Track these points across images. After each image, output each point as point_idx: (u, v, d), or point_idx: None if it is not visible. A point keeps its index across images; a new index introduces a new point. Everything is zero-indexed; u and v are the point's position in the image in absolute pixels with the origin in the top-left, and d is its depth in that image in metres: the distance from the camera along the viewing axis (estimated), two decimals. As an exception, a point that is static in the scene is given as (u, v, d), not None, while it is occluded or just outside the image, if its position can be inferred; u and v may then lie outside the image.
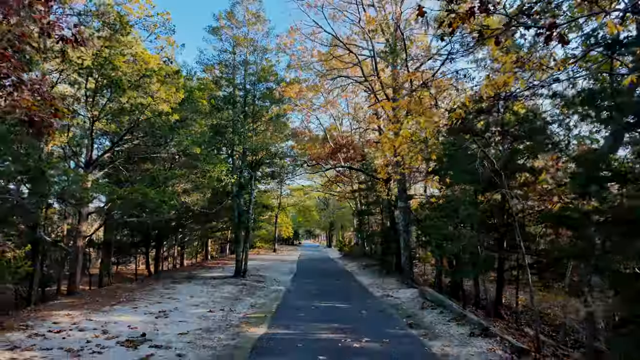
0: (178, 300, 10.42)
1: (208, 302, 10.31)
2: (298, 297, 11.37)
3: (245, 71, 15.74)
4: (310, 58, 20.50)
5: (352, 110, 28.39)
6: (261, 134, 15.97)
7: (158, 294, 11.47)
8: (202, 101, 11.83)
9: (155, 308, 9.23)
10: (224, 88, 16.84)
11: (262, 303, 10.51)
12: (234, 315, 8.85)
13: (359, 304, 10.30)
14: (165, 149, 11.48)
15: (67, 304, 9.62)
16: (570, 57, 6.87)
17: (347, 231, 50.79)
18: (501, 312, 13.22)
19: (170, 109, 10.72)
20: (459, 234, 9.19)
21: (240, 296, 11.49)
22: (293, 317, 8.60)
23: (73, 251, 11.93)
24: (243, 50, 16.34)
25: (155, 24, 13.20)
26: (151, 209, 10.31)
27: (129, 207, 10.66)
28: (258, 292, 12.48)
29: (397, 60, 16.56)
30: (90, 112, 10.13)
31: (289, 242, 58.71)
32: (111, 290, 12.30)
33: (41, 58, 10.39)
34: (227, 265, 21.66)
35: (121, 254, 20.83)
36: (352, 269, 20.88)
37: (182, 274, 17.74)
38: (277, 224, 40.84)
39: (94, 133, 12.21)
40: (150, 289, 12.47)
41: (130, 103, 10.04)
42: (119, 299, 10.35)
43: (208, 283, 14.19)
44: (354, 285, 14.53)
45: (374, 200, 20.53)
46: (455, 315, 8.45)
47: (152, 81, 10.95)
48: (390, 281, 15.49)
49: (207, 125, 13.52)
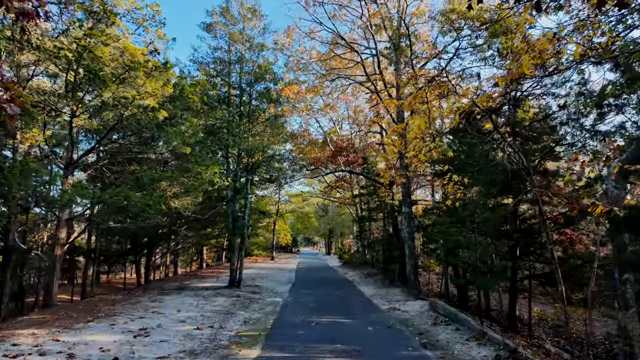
0: (163, 315, 9.39)
1: (197, 317, 9.28)
2: (296, 311, 10.35)
3: (241, 69, 14.87)
4: (309, 59, 19.77)
5: (352, 113, 27.64)
6: (258, 135, 15.06)
7: (142, 307, 10.43)
8: (193, 97, 10.94)
9: (136, 325, 8.20)
10: (218, 87, 15.97)
11: (257, 318, 9.48)
12: (225, 333, 7.83)
13: (364, 319, 9.29)
14: (153, 149, 10.53)
15: (37, 320, 8.57)
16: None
17: (347, 238, 49.68)
18: (517, 325, 12.23)
19: (157, 104, 9.83)
20: (476, 241, 8.23)
21: (233, 310, 10.46)
22: (291, 336, 7.59)
23: (50, 260, 10.91)
24: (239, 47, 15.51)
25: (144, 18, 12.41)
26: (135, 214, 9.33)
27: (112, 211, 9.68)
28: (253, 304, 11.44)
29: (401, 58, 15.78)
30: (69, 107, 9.21)
31: (287, 250, 57.51)
32: (92, 303, 11.25)
33: (15, 48, 9.50)
34: (222, 274, 20.57)
35: (108, 263, 19.68)
36: (353, 278, 19.82)
37: (173, 284, 16.67)
38: (275, 231, 39.74)
39: (76, 131, 11.27)
40: (135, 302, 11.43)
41: (113, 97, 9.13)
42: (97, 314, 9.31)
43: (199, 294, 13.15)
44: (357, 296, 13.50)
45: (377, 205, 19.58)
46: (474, 332, 7.46)
47: (138, 75, 10.06)
48: (395, 292, 14.47)
49: (200, 124, 12.61)
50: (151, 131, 10.19)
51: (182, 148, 10.89)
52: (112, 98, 9.26)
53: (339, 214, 48.03)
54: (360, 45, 17.51)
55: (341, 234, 51.25)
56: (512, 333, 10.62)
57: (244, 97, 15.85)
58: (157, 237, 18.00)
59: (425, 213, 15.45)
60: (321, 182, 37.49)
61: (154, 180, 9.92)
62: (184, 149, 10.89)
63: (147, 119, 9.78)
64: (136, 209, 8.90)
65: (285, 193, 45.14)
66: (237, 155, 15.33)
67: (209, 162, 11.75)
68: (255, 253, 41.97)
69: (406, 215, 15.59)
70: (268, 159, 15.69)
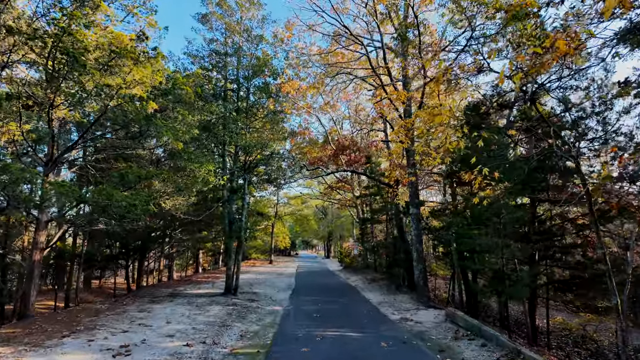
0: (150, 328, 8.40)
1: (187, 331, 8.30)
2: (299, 323, 9.38)
3: (238, 62, 13.95)
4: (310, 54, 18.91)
5: (354, 112, 26.77)
6: (256, 132, 14.12)
7: (128, 318, 9.44)
8: (186, 88, 10.01)
9: (117, 341, 7.21)
10: (214, 81, 15.03)
11: (255, 332, 8.51)
12: (218, 350, 6.86)
13: (375, 332, 8.34)
14: (142, 144, 9.59)
15: (6, 335, 7.57)
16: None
17: (346, 241, 48.61)
18: (537, 336, 11.30)
19: (145, 94, 8.91)
20: (502, 244, 7.30)
21: (229, 321, 9.47)
22: (294, 354, 6.64)
23: (28, 265, 9.92)
24: (236, 39, 14.59)
25: (134, 5, 11.54)
26: (120, 215, 8.38)
27: (94, 212, 8.72)
28: (250, 315, 10.46)
29: (409, 50, 14.93)
30: (46, 95, 8.27)
31: (285, 253, 56.44)
32: (73, 313, 10.24)
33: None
34: (218, 279, 19.57)
35: (97, 268, 18.62)
36: (356, 283, 18.85)
37: (166, 290, 15.65)
38: (273, 233, 38.71)
39: (58, 125, 10.32)
40: (121, 311, 10.43)
41: (96, 85, 8.20)
42: (75, 327, 8.32)
43: (192, 303, 12.16)
44: (362, 304, 12.54)
45: (381, 206, 18.63)
46: (505, 350, 6.51)
47: (125, 62, 9.13)
48: (403, 299, 13.52)
49: (194, 120, 11.68)
50: (139, 124, 9.26)
51: (174, 143, 9.95)
52: (95, 87, 8.33)
53: (339, 217, 47.02)
54: (365, 38, 16.66)
55: (341, 237, 50.19)
56: (537, 346, 9.68)
57: (241, 92, 14.93)
58: (150, 240, 16.98)
59: (433, 214, 14.49)
60: (321, 183, 36.58)
61: (141, 178, 8.96)
62: (176, 145, 9.96)
63: (135, 111, 8.85)
64: (120, 210, 7.95)
65: (284, 195, 44.20)
66: (234, 153, 14.39)
67: (203, 159, 10.81)
68: (253, 256, 40.92)
69: (414, 217, 14.67)
70: (267, 157, 14.74)
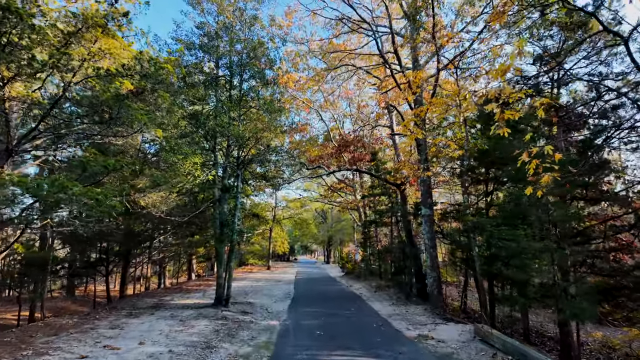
0: (116, 353, 6.83)
1: (162, 355, 6.73)
2: (299, 342, 7.83)
3: (231, 44, 12.50)
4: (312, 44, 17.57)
5: (355, 109, 25.37)
6: (250, 121, 12.63)
7: (93, 338, 7.86)
8: (167, 66, 8.57)
9: (67, 372, 5.65)
10: (206, 69, 13.56)
11: (245, 355, 6.93)
12: (194, 385, 5.31)
13: (391, 356, 6.79)
14: (112, 130, 8.11)
15: None
16: None
17: (346, 246, 46.99)
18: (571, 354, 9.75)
19: (114, 69, 7.46)
20: (553, 248, 5.82)
21: (215, 341, 7.89)
22: (293, 391, 5.09)
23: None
24: (228, 20, 13.15)
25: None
26: (79, 212, 6.90)
27: (45, 209, 7.23)
28: (242, 332, 8.88)
29: (420, 34, 13.56)
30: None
31: (284, 258, 54.73)
32: (27, 331, 8.62)
33: None
34: (211, 287, 17.95)
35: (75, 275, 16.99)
36: (360, 291, 17.27)
37: (150, 300, 14.04)
38: (271, 238, 37.11)
39: (17, 109, 8.80)
40: (88, 328, 8.85)
41: (51, 53, 6.75)
42: (23, 350, 6.73)
43: (176, 316, 10.58)
44: (371, 317, 10.98)
45: (388, 207, 17.12)
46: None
47: (92, 31, 7.66)
48: (416, 311, 11.96)
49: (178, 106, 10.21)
50: (107, 105, 7.79)
51: (152, 130, 8.49)
52: (51, 57, 6.86)
53: (339, 221, 45.47)
54: (371, 25, 15.28)
55: (341, 242, 48.55)
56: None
57: (234, 81, 13.46)
58: (133, 244, 15.40)
59: (452, 215, 13.02)
60: (321, 185, 35.10)
61: (109, 169, 7.46)
62: (154, 131, 8.49)
63: (102, 87, 7.39)
64: (77, 206, 6.46)
65: (283, 198, 42.69)
66: (227, 146, 12.88)
67: (188, 149, 9.34)
68: (250, 262, 39.28)
69: (426, 219, 13.18)
70: (262, 152, 13.24)
